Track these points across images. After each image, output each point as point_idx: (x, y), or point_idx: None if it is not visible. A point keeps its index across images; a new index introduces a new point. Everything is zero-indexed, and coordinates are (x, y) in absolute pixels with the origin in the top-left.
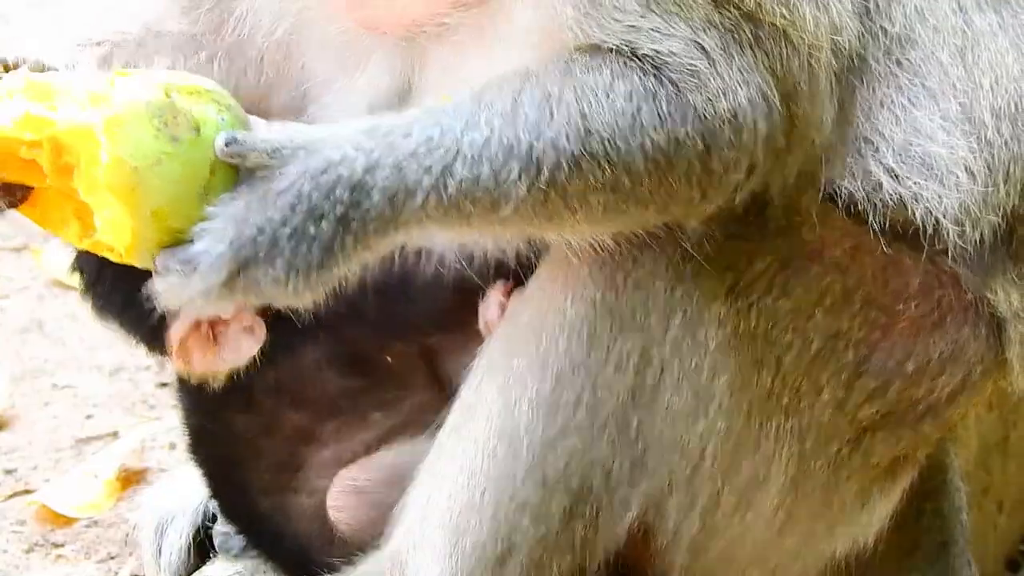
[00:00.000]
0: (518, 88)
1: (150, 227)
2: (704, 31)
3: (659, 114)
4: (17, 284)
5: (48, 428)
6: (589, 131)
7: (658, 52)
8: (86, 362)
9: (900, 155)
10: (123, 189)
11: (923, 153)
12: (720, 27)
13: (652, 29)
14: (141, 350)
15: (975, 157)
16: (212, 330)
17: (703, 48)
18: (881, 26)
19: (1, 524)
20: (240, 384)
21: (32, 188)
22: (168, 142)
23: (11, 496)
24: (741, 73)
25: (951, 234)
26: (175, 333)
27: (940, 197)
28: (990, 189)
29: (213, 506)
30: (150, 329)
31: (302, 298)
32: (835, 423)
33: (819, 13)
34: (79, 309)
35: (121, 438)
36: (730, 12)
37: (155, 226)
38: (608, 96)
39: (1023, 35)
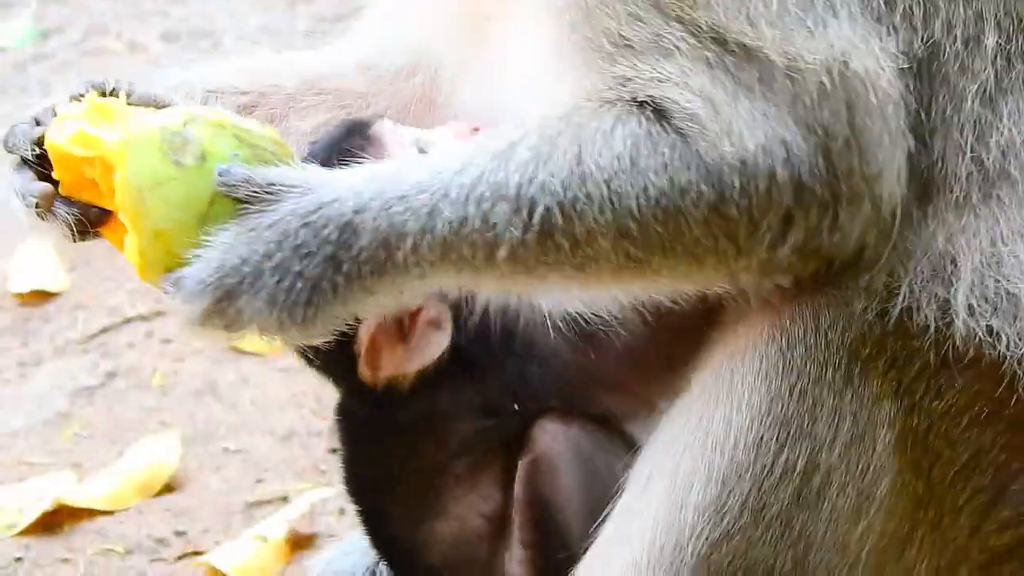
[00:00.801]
0: (516, 133)
1: (154, 248)
2: (702, 72)
3: (660, 158)
4: (192, 347)
5: (219, 491)
6: (585, 174)
7: (654, 98)
8: (258, 426)
9: (978, 288)
10: (128, 208)
11: (1006, 291)
12: (725, 70)
13: (648, 77)
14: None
15: None
16: (400, 327)
17: (704, 93)
18: (971, 146)
19: None
20: (385, 413)
21: (110, 212)
22: (171, 166)
23: (181, 557)
24: (749, 117)
25: None
26: (365, 332)
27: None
28: None
29: (382, 571)
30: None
31: (292, 333)
32: (968, 546)
33: (799, 37)
34: (253, 373)
35: (291, 502)
36: (727, 48)
37: (159, 248)
38: (607, 140)
39: None
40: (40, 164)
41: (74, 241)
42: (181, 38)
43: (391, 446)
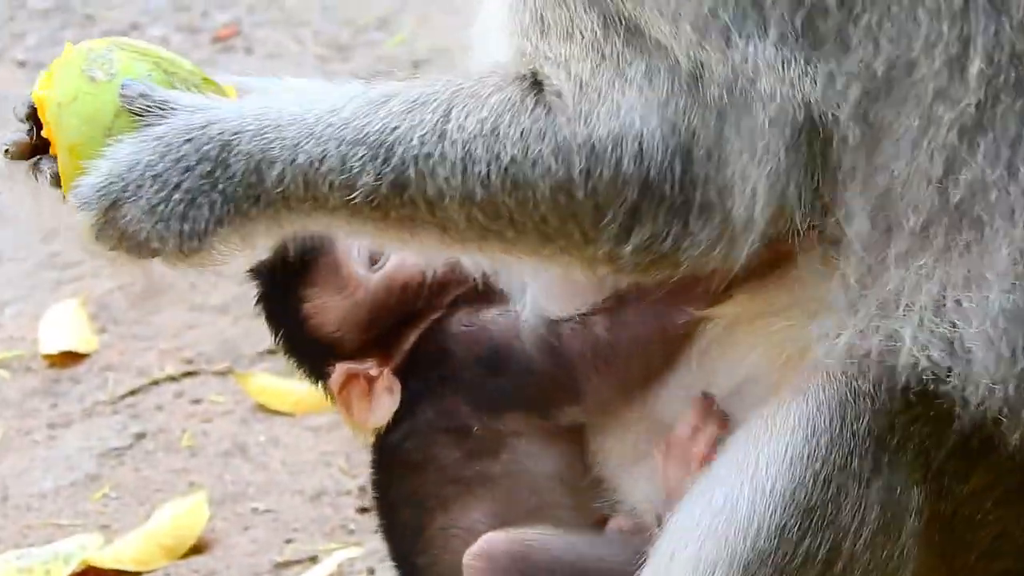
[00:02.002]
0: (400, 86)
1: (69, 164)
2: (586, 56)
3: (520, 127)
4: (221, 408)
5: (247, 552)
6: (446, 132)
7: (535, 72)
8: (287, 486)
9: (925, 329)
10: (51, 125)
11: (949, 337)
12: (605, 55)
13: (541, 54)
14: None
15: None
16: (369, 384)
17: (578, 74)
18: (939, 179)
19: None
20: (380, 443)
21: None
22: (86, 81)
23: None
24: (614, 107)
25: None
26: (333, 381)
27: (967, 382)
28: None
29: None
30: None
31: (174, 248)
32: None
33: (710, 42)
34: (282, 433)
35: (319, 563)
36: (617, 34)
37: (72, 163)
38: (478, 104)
39: None
40: (37, 121)
41: (65, 201)
42: None
43: (383, 474)
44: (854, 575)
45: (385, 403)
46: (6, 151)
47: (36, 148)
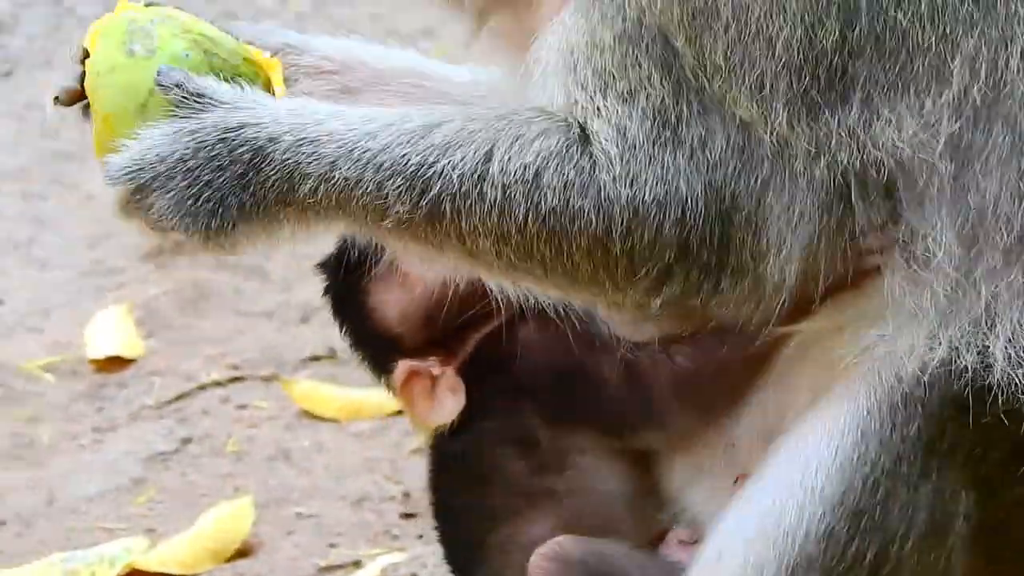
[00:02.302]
0: (444, 115)
1: (102, 132)
2: (643, 120)
3: (563, 178)
4: (266, 413)
5: (290, 556)
6: (486, 174)
7: (584, 125)
8: (331, 492)
9: (1017, 343)
10: (89, 91)
11: None
12: (666, 119)
13: (593, 106)
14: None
15: None
16: (432, 383)
17: (630, 136)
18: (1014, 191)
19: None
20: (442, 449)
21: None
22: (124, 54)
23: None
24: (662, 170)
25: None
26: (396, 377)
27: None
28: None
29: None
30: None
31: (199, 239)
32: None
33: (801, 121)
34: (327, 439)
35: (363, 567)
36: (688, 102)
37: (105, 132)
38: (522, 148)
39: None
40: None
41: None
42: None
43: (445, 478)
44: None
45: (448, 403)
46: (56, 98)
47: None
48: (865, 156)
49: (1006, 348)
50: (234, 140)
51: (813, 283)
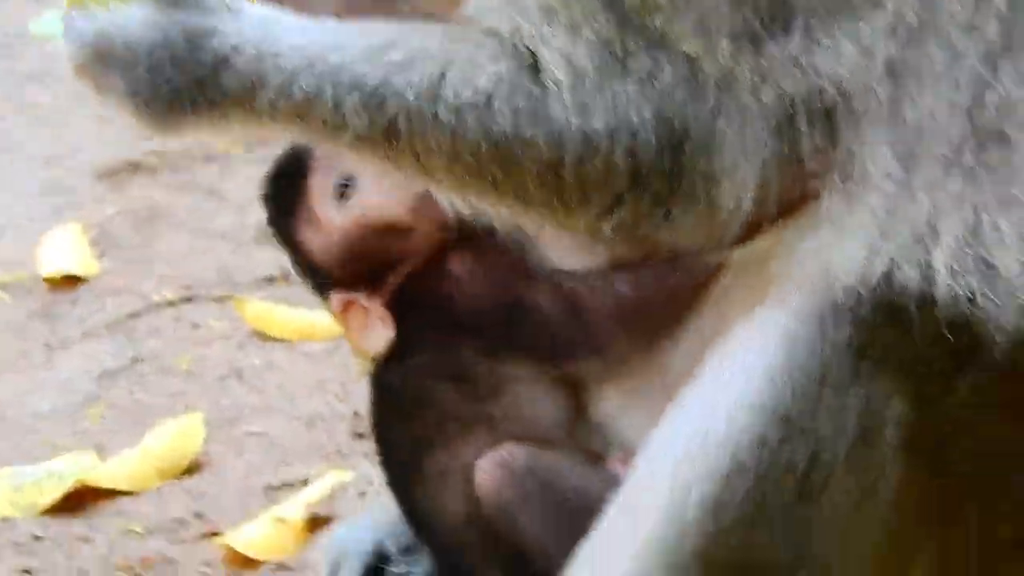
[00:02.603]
0: (403, 34)
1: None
2: (590, 50)
3: (514, 104)
4: (218, 332)
5: (240, 474)
6: (439, 96)
7: (537, 51)
8: (282, 411)
9: (960, 254)
10: None
11: (986, 259)
12: (613, 51)
13: (545, 35)
14: None
15: None
16: (364, 313)
17: (579, 66)
18: (967, 106)
19: (189, 566)
20: (378, 381)
21: None
22: None
23: (200, 538)
24: (612, 99)
25: None
26: (332, 306)
27: (1006, 312)
28: None
29: (388, 547)
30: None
31: (148, 122)
32: (979, 540)
33: (744, 53)
34: (278, 359)
35: (311, 485)
36: (633, 37)
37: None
38: (474, 71)
39: None
40: None
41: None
42: None
43: (393, 413)
44: (833, 485)
45: (379, 332)
46: None
47: None
48: (809, 84)
49: (947, 260)
50: (199, 44)
51: (764, 209)
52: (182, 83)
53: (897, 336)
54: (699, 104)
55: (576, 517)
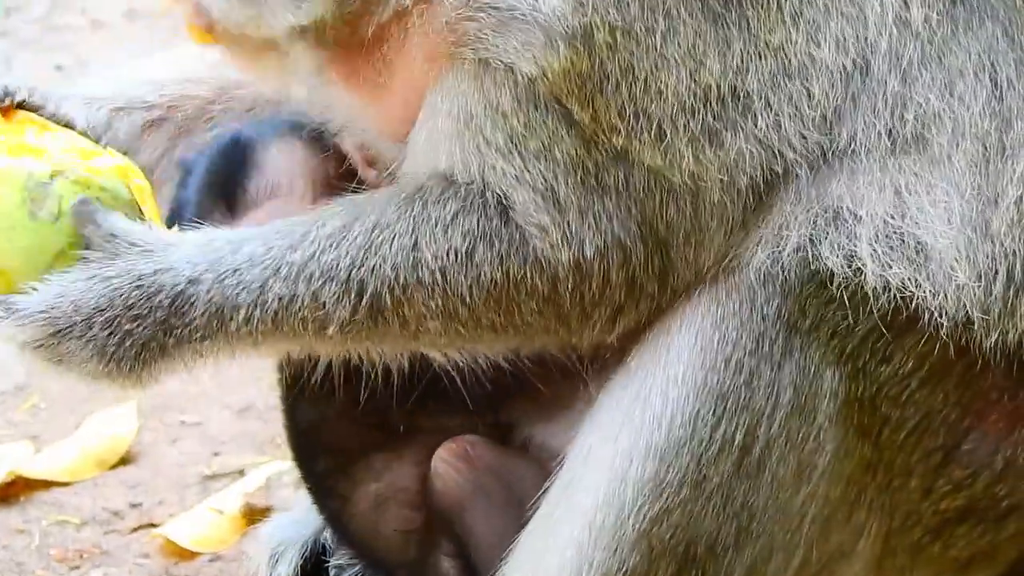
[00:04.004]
0: (355, 213)
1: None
2: (566, 175)
3: (496, 252)
4: None
5: (175, 464)
6: (419, 261)
7: (508, 198)
8: (216, 400)
9: (883, 236)
10: None
11: (914, 238)
12: (585, 169)
13: (511, 173)
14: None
15: (987, 260)
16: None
17: (557, 197)
18: (886, 124)
19: (125, 557)
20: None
21: None
22: (27, 215)
23: (136, 529)
24: (595, 221)
25: (976, 334)
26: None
27: (932, 290)
28: (1013, 299)
29: (327, 537)
30: None
31: (119, 382)
32: (921, 508)
33: (708, 153)
34: None
35: (247, 475)
36: (600, 152)
37: (2, 278)
38: (445, 233)
39: None
40: None
41: None
42: (143, 17)
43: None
44: (772, 458)
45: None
46: None
47: None
48: (769, 152)
49: (872, 239)
50: (150, 287)
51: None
52: (145, 332)
53: (829, 307)
54: (677, 200)
55: (523, 513)
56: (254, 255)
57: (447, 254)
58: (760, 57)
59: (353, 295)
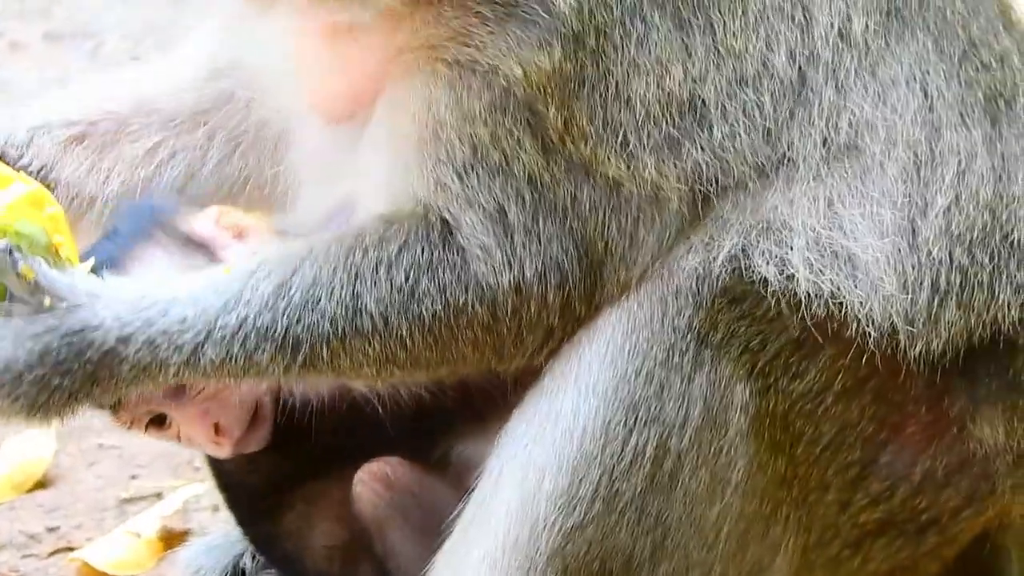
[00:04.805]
0: (292, 268)
1: None
2: (518, 194)
3: (439, 282)
4: None
5: (93, 487)
6: (359, 309)
7: (455, 220)
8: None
9: (815, 247)
10: None
11: (843, 249)
12: (541, 184)
13: (464, 195)
14: None
15: (913, 270)
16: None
17: (505, 218)
18: (822, 133)
19: None
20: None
21: None
22: None
23: (53, 553)
24: (538, 242)
25: (901, 344)
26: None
27: (861, 299)
28: (937, 308)
29: (246, 563)
30: None
31: (45, 425)
32: (839, 523)
33: (667, 163)
34: None
35: (164, 499)
36: (557, 165)
37: None
38: (388, 272)
39: (1017, 160)
40: None
41: None
42: (64, 38)
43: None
44: (684, 471)
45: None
46: None
47: None
48: (722, 164)
49: (802, 251)
50: (80, 343)
51: None
52: (74, 385)
53: (741, 322)
54: (622, 217)
55: (443, 533)
56: (187, 317)
57: (389, 294)
58: (720, 65)
59: (289, 353)
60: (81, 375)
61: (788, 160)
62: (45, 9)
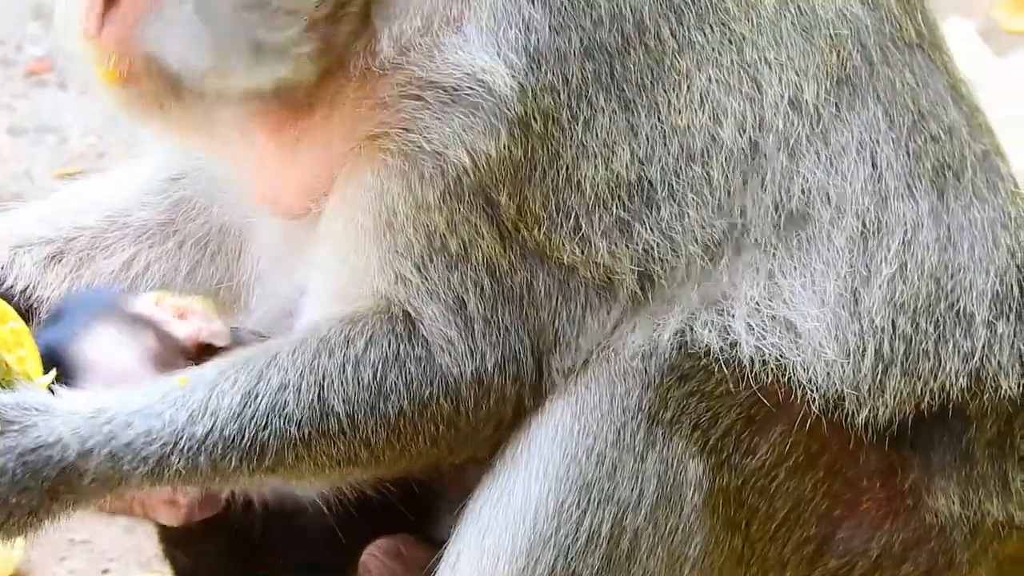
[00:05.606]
0: (257, 375)
1: None
2: (476, 284)
3: (405, 377)
4: None
5: None
6: (326, 412)
7: (417, 312)
8: (103, 517)
9: (756, 314)
10: None
11: (784, 319)
12: (499, 271)
13: (424, 288)
14: None
15: (855, 337)
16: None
17: (465, 309)
18: (774, 198)
19: None
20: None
21: None
22: None
23: None
24: (496, 332)
25: (848, 412)
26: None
27: (804, 364)
28: (882, 375)
29: None
30: None
31: (5, 541)
32: None
33: (618, 246)
34: None
35: None
36: (513, 251)
37: None
38: (355, 371)
39: (963, 231)
40: None
41: None
42: (28, 133)
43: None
44: (641, 550)
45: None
46: None
47: None
48: (670, 242)
49: (746, 321)
50: (35, 462)
51: None
52: (32, 502)
53: (691, 399)
54: (572, 304)
55: None
56: (151, 430)
57: (357, 393)
58: (666, 143)
59: (255, 459)
60: (39, 491)
61: (739, 228)
62: (7, 104)
